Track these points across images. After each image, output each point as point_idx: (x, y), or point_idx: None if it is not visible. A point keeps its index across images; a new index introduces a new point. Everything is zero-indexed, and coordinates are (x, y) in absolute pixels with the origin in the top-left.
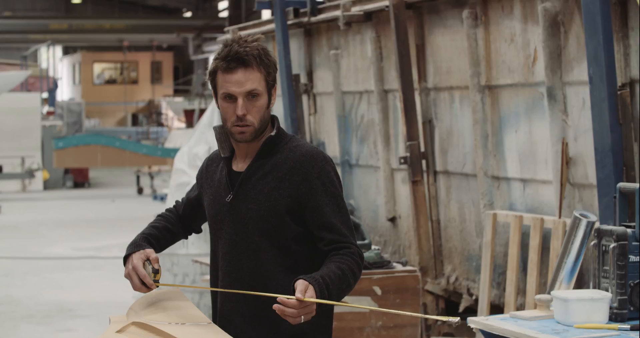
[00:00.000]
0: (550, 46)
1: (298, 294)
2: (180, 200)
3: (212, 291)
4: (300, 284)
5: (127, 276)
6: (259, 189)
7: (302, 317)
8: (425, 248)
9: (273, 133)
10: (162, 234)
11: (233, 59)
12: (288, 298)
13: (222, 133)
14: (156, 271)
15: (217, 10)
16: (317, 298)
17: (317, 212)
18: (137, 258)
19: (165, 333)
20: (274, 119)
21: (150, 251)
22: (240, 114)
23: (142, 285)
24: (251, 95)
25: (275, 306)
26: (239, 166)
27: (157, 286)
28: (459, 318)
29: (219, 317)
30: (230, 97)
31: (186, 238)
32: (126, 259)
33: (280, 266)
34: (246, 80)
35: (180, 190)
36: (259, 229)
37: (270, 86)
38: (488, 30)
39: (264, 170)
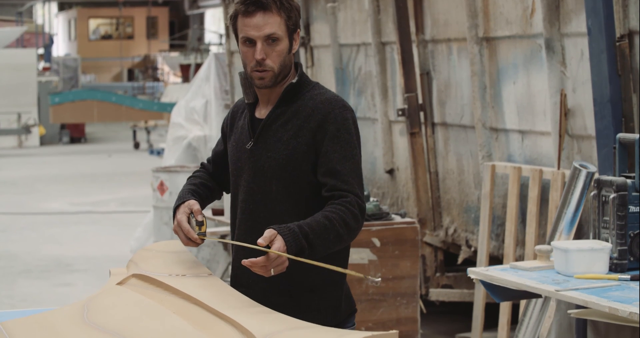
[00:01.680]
0: None
1: (260, 240)
2: (206, 161)
3: (231, 239)
4: (266, 232)
5: (174, 232)
6: (279, 136)
7: (272, 270)
8: (424, 200)
9: (294, 80)
10: (202, 190)
11: (252, 3)
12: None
13: (245, 79)
14: (200, 224)
15: None
16: (289, 248)
17: (325, 157)
18: (181, 212)
19: (165, 284)
20: (297, 65)
21: (193, 203)
22: (258, 58)
23: (189, 240)
24: (270, 39)
25: (244, 261)
26: (262, 112)
27: (203, 240)
28: (380, 279)
29: (233, 266)
30: (250, 42)
31: (220, 196)
32: (174, 213)
33: (296, 217)
34: (265, 24)
35: (178, 144)
36: (276, 177)
37: (291, 30)
38: None
39: (285, 117)
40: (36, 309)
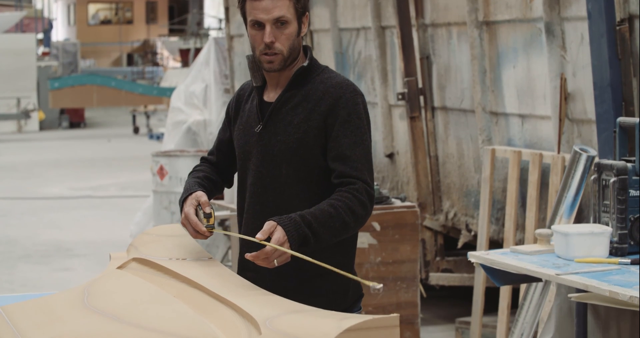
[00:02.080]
0: None
1: (259, 235)
2: (207, 154)
3: (239, 226)
4: (265, 225)
5: (182, 225)
6: (289, 120)
7: (275, 261)
8: (424, 184)
9: (305, 64)
10: (206, 183)
11: None
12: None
13: (253, 62)
14: (209, 216)
15: None
16: (291, 237)
17: (335, 142)
18: (188, 204)
19: (166, 268)
20: (306, 49)
21: (201, 194)
22: (267, 42)
23: (198, 233)
24: (279, 22)
25: (246, 255)
26: (270, 96)
27: (212, 233)
28: (381, 284)
29: (241, 250)
30: (259, 25)
31: (223, 190)
32: (182, 205)
33: (306, 201)
34: (274, 7)
35: (177, 128)
36: (286, 161)
37: (300, 13)
38: None
39: (295, 101)
40: (36, 293)
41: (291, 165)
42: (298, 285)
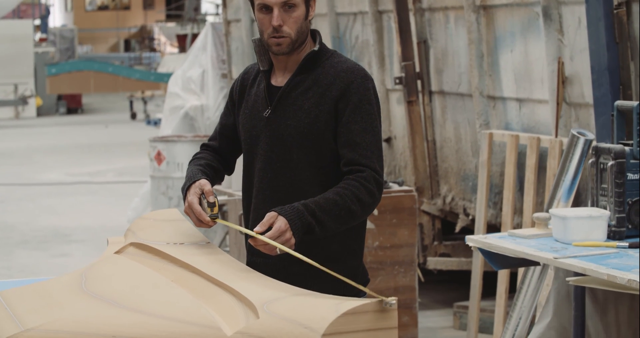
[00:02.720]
0: None
1: (257, 228)
2: (208, 141)
3: (245, 212)
4: (265, 216)
5: (186, 213)
6: (299, 105)
7: (278, 249)
8: (421, 168)
9: (316, 48)
10: (208, 170)
11: None
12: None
13: (260, 46)
14: (212, 205)
15: None
16: (293, 226)
17: (345, 128)
18: (192, 193)
19: (163, 253)
20: (315, 33)
21: (204, 183)
22: (275, 25)
23: (201, 223)
24: (287, 5)
25: (250, 240)
26: (278, 80)
27: (215, 222)
28: (396, 299)
29: (249, 238)
30: (267, 8)
31: (224, 177)
32: (185, 193)
33: (317, 186)
34: None
35: (175, 114)
36: (297, 146)
37: None
38: None
39: (305, 86)
40: (34, 279)
41: (302, 150)
42: (305, 270)
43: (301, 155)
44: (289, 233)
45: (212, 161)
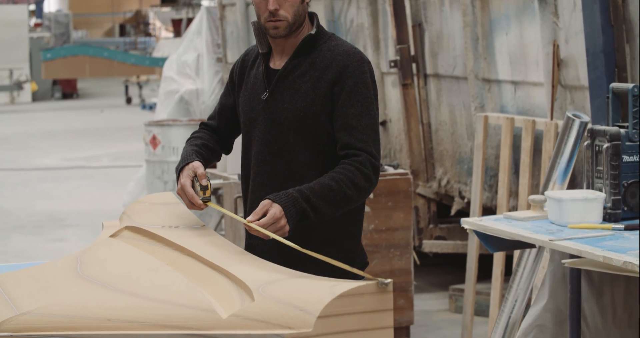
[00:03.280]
0: None
1: (250, 217)
2: (207, 119)
3: (243, 195)
4: (260, 204)
5: (178, 195)
6: (296, 88)
7: (272, 235)
8: (416, 151)
9: (313, 31)
10: (204, 150)
11: None
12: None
13: (259, 28)
14: (205, 188)
15: None
16: (288, 212)
17: (341, 112)
18: (185, 175)
19: (158, 236)
20: (313, 16)
21: (197, 165)
22: (272, 9)
23: (193, 205)
24: None
25: (245, 223)
26: (276, 63)
27: (207, 206)
28: (389, 281)
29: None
30: None
31: (221, 157)
32: (178, 175)
33: (314, 169)
34: None
35: (170, 98)
36: (294, 129)
37: None
38: None
39: (302, 69)
40: (30, 263)
41: (299, 133)
42: (303, 252)
43: (298, 138)
44: (284, 220)
45: (209, 140)
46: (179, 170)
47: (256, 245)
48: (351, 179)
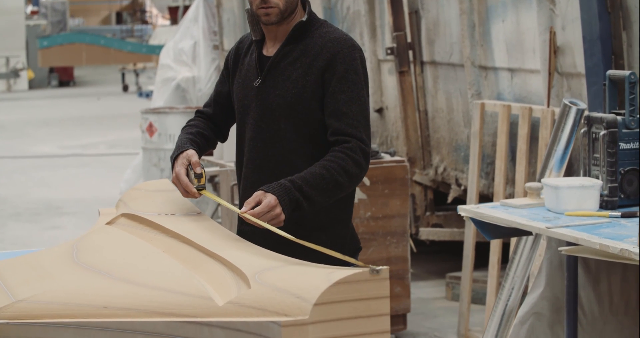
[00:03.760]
0: None
1: (243, 208)
2: (203, 107)
3: (238, 181)
4: (253, 195)
5: (173, 183)
6: (287, 75)
7: (267, 224)
8: (413, 138)
9: (304, 18)
10: (199, 139)
11: None
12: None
13: (252, 16)
14: (199, 176)
15: None
16: (282, 202)
17: (332, 98)
18: (179, 164)
19: (155, 223)
20: (305, 3)
21: (192, 154)
22: None
23: (188, 194)
24: None
25: (240, 213)
26: (269, 50)
27: (201, 194)
28: (381, 267)
29: (240, 204)
30: None
31: (216, 145)
32: (173, 163)
33: (305, 156)
34: None
35: (166, 85)
36: (285, 116)
37: None
38: None
39: (293, 56)
40: (26, 250)
41: (289, 120)
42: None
43: (288, 125)
44: (279, 208)
45: (204, 129)
46: (174, 159)
47: (247, 231)
48: (342, 167)
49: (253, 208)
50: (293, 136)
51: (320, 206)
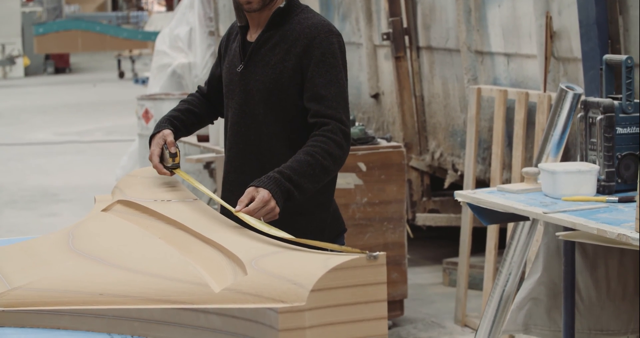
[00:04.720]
0: None
1: (237, 206)
2: (203, 84)
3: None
4: (245, 193)
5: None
6: (267, 60)
7: (262, 218)
8: (409, 124)
9: (282, 5)
10: (185, 116)
11: None
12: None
13: (237, 2)
14: (174, 155)
15: None
16: (275, 194)
17: (310, 82)
18: (155, 143)
19: (151, 210)
20: None
21: (167, 133)
22: None
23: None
24: None
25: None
26: (252, 36)
27: (173, 173)
28: (378, 253)
29: (224, 188)
30: None
31: (212, 121)
32: (150, 143)
33: (284, 140)
34: None
35: (162, 72)
36: (264, 101)
37: None
38: None
39: (273, 41)
40: (22, 238)
41: (268, 105)
42: (277, 223)
43: (267, 110)
44: (273, 202)
45: (196, 105)
46: (150, 139)
47: (229, 213)
48: (325, 150)
49: (247, 205)
50: (271, 121)
51: (310, 192)
